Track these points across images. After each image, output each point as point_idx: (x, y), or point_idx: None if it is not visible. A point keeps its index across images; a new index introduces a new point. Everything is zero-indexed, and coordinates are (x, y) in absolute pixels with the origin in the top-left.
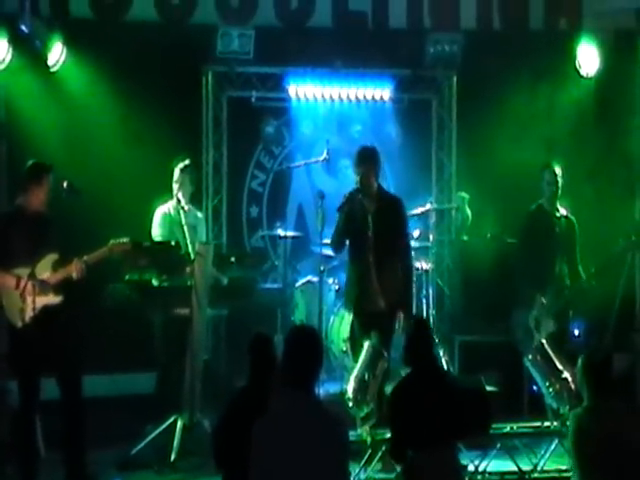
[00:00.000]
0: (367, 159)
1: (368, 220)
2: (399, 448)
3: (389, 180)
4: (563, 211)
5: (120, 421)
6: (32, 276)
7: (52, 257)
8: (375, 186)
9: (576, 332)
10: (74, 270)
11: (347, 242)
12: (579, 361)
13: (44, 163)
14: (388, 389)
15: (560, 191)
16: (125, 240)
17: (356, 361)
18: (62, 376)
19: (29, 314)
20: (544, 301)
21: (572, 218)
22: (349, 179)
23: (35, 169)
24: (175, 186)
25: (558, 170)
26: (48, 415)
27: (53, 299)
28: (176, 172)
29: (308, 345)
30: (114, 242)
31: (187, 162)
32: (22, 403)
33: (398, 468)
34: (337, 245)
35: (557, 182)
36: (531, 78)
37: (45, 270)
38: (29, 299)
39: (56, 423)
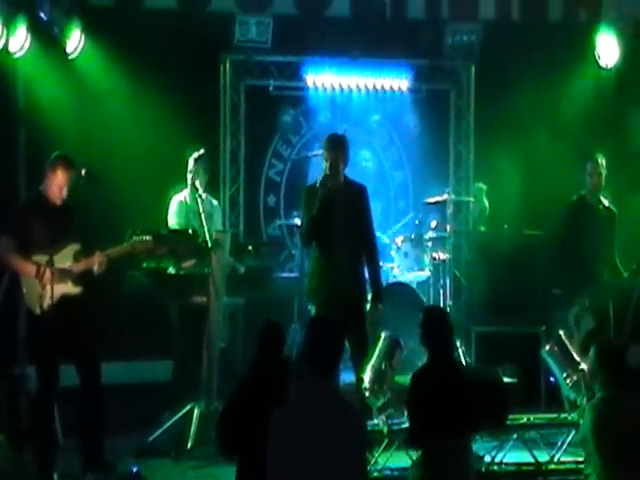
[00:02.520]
0: (338, 145)
1: (337, 209)
2: (416, 435)
3: (406, 170)
4: (605, 202)
5: (137, 408)
6: (50, 263)
7: (74, 247)
8: (343, 174)
9: None
10: (96, 262)
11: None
12: (591, 350)
13: (64, 157)
14: (402, 379)
15: (604, 182)
16: (148, 238)
17: (373, 351)
18: (81, 363)
19: (47, 302)
20: (586, 302)
21: (613, 209)
22: (367, 169)
23: (52, 160)
24: (189, 175)
25: (602, 160)
26: (65, 402)
27: (73, 289)
28: (190, 161)
29: (330, 334)
30: (137, 239)
31: (201, 152)
32: (40, 390)
33: (414, 457)
34: (313, 238)
35: (600, 173)
36: (550, 69)
37: (66, 259)
38: (48, 287)
39: (73, 410)
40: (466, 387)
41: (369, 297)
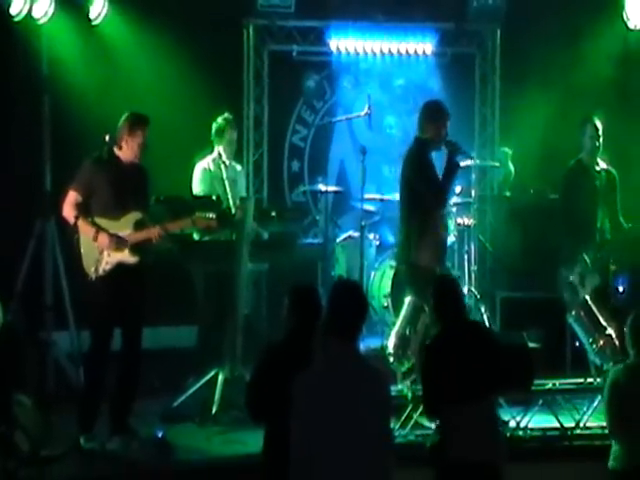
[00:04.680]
0: (446, 111)
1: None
2: (432, 405)
3: None
4: (602, 164)
5: (162, 374)
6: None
7: (136, 215)
8: None
9: (620, 288)
10: (155, 234)
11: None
12: (629, 318)
13: (143, 115)
14: None
15: (601, 145)
16: (212, 216)
17: (397, 316)
18: (127, 331)
19: (103, 267)
20: (587, 258)
21: (612, 171)
22: (393, 136)
23: (131, 119)
24: (217, 140)
25: (599, 124)
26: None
27: (129, 258)
28: (216, 126)
29: (353, 298)
30: (200, 215)
31: (227, 115)
32: (90, 353)
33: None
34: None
35: (599, 136)
36: (577, 31)
37: (126, 227)
38: (105, 253)
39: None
40: (485, 350)
41: None
